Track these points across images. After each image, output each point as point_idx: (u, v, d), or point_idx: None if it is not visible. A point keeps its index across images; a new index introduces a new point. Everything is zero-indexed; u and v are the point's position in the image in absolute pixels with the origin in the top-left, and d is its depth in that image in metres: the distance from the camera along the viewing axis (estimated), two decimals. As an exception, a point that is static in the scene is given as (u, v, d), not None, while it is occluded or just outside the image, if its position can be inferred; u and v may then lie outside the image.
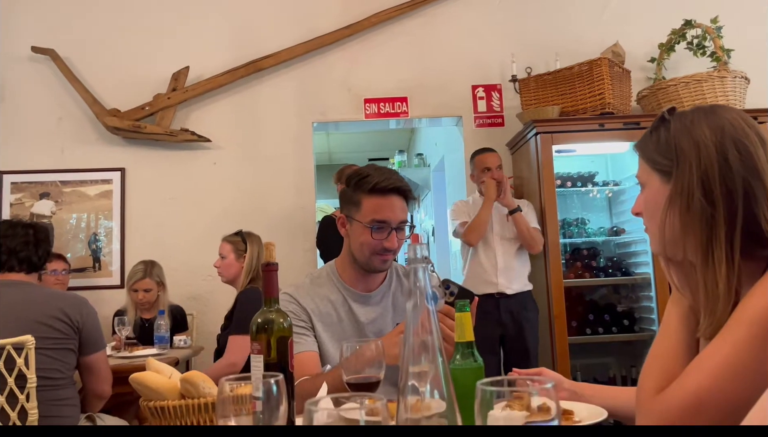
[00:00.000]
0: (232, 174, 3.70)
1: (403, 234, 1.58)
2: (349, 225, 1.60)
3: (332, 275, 1.64)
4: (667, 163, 0.97)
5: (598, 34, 3.81)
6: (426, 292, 0.91)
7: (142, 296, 2.99)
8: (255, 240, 2.79)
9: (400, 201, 1.57)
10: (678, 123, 0.99)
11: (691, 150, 0.94)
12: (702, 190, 0.92)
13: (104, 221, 3.60)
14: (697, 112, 0.99)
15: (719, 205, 0.91)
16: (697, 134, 0.95)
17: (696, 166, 0.93)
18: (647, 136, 1.05)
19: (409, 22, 3.85)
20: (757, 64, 3.54)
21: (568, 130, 3.26)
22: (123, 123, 3.53)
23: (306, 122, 3.78)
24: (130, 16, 3.77)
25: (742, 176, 0.91)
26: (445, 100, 3.83)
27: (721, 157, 0.92)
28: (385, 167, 1.64)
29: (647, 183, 1.02)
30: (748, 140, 0.93)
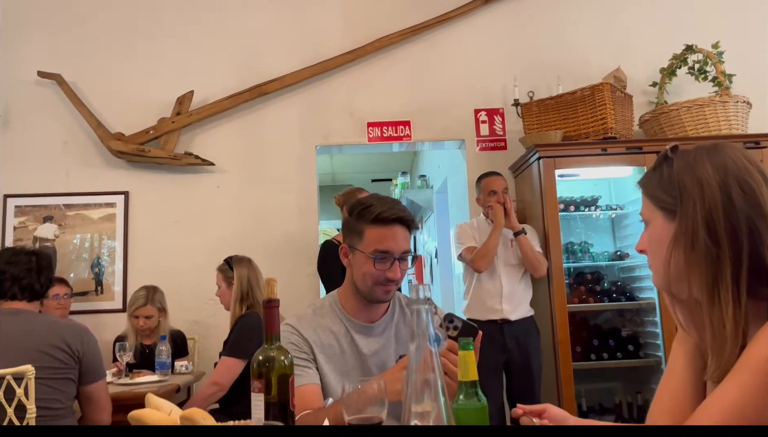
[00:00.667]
0: (236, 197, 3.71)
1: (406, 264, 1.57)
2: (351, 255, 1.59)
3: (335, 305, 1.63)
4: (670, 200, 0.97)
5: (600, 58, 3.83)
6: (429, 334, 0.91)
7: (143, 322, 2.98)
8: (242, 264, 2.77)
9: (403, 231, 1.56)
10: (681, 161, 0.99)
11: (695, 188, 0.94)
12: (706, 229, 0.91)
13: (107, 244, 3.60)
14: (700, 150, 0.99)
15: (724, 244, 0.90)
16: (700, 172, 0.95)
17: (700, 205, 0.93)
18: (650, 174, 1.04)
19: (412, 47, 3.88)
20: (759, 88, 3.55)
21: (571, 154, 3.26)
22: (127, 147, 3.54)
23: (309, 146, 3.79)
24: (135, 41, 3.81)
25: (746, 215, 0.91)
26: (447, 123, 3.84)
27: (725, 196, 0.92)
28: (388, 197, 1.64)
29: (651, 220, 1.02)
30: (751, 178, 0.93)
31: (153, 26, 3.84)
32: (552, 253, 3.15)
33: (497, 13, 3.94)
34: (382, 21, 3.85)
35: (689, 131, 3.30)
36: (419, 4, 3.90)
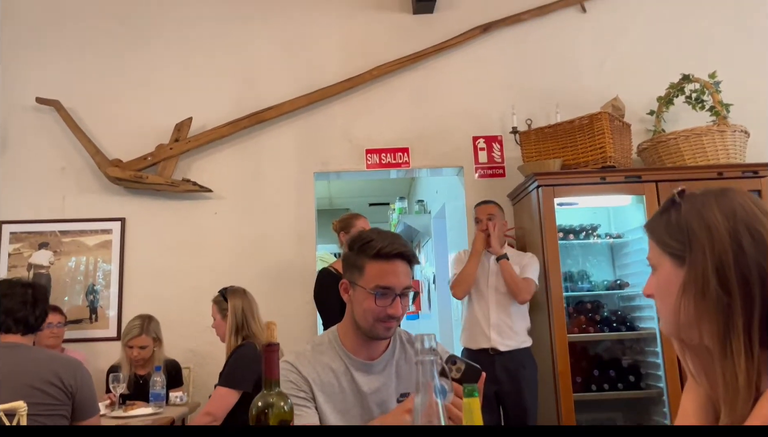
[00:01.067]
0: (233, 224, 3.69)
1: (407, 300, 1.55)
2: (351, 290, 1.57)
3: (334, 342, 1.61)
4: (678, 246, 0.95)
5: (598, 86, 3.86)
6: (435, 386, 0.88)
7: (137, 353, 2.93)
8: (236, 295, 2.74)
9: (404, 266, 1.54)
10: (688, 205, 0.97)
11: (704, 234, 0.92)
12: (717, 277, 0.89)
13: (102, 271, 3.57)
14: (708, 194, 0.97)
15: (735, 293, 0.88)
16: (709, 218, 0.93)
17: (710, 252, 0.91)
18: (657, 217, 1.02)
19: (410, 75, 3.90)
20: (756, 118, 3.57)
21: (570, 183, 3.26)
22: (125, 173, 3.53)
23: (307, 172, 3.79)
24: (134, 68, 3.82)
25: (758, 263, 0.89)
26: (446, 150, 3.85)
27: (735, 244, 0.90)
28: (389, 231, 1.62)
29: (659, 266, 0.99)
30: (761, 226, 0.91)
31: (152, 53, 3.85)
32: (551, 282, 3.13)
33: (495, 41, 3.97)
34: (381, 49, 3.88)
35: (687, 160, 3.30)
36: (417, 32, 3.93)
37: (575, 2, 4.04)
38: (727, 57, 3.87)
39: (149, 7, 3.91)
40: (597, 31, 4.02)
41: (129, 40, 3.86)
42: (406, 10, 3.99)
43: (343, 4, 3.99)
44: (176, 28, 3.89)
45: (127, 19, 3.89)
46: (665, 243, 0.98)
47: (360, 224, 3.16)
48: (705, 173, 3.22)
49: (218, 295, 2.79)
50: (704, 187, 2.92)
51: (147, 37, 3.87)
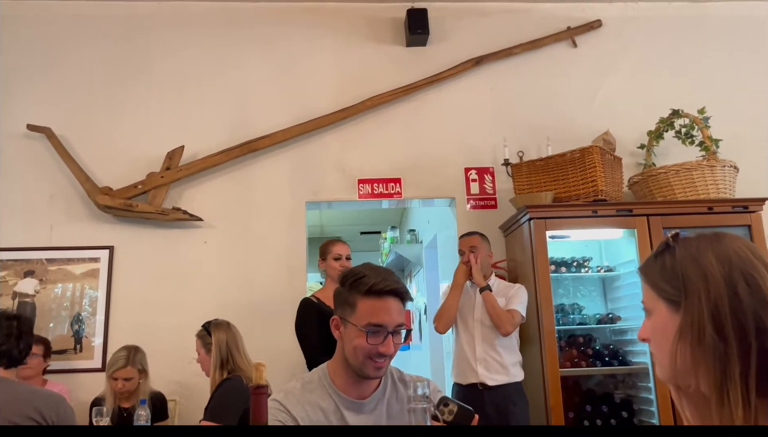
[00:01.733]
0: (223, 253, 3.65)
1: (400, 338, 1.53)
2: (343, 327, 1.55)
3: (324, 380, 1.57)
4: (674, 291, 0.94)
5: (589, 119, 3.89)
6: (428, 435, 0.86)
7: (122, 385, 2.86)
8: (220, 328, 2.70)
9: (397, 303, 1.52)
10: (683, 250, 0.96)
11: (699, 280, 0.91)
12: (713, 323, 0.88)
13: (88, 300, 3.51)
14: (703, 239, 0.97)
15: (731, 340, 0.87)
16: (704, 264, 0.92)
17: (705, 298, 0.90)
18: (651, 261, 1.01)
19: (403, 106, 3.92)
20: (745, 153, 3.61)
21: (562, 216, 3.26)
22: (114, 201, 3.50)
23: (299, 202, 3.77)
24: (126, 96, 3.82)
25: (754, 311, 0.87)
26: (438, 181, 3.85)
27: (731, 290, 0.89)
28: (382, 267, 1.60)
29: (654, 310, 0.98)
30: (756, 273, 0.90)
31: (144, 81, 3.86)
32: (544, 315, 3.11)
33: (487, 74, 4.01)
34: (374, 80, 3.90)
35: (678, 194, 3.32)
36: (411, 64, 3.96)
37: (566, 37, 4.10)
38: (715, 92, 3.93)
39: (142, 35, 3.93)
40: (588, 65, 4.08)
41: (121, 67, 3.86)
42: (400, 42, 4.03)
43: (337, 35, 4.02)
44: (169, 57, 3.91)
45: (120, 47, 3.90)
46: (660, 288, 0.97)
47: (336, 250, 3.14)
48: (696, 208, 3.24)
49: (202, 329, 2.75)
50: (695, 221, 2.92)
51: (139, 65, 3.88)
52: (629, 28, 4.16)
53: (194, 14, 3.98)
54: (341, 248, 3.16)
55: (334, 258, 3.11)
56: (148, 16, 3.95)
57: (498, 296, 3.09)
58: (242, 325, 2.88)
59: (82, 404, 3.10)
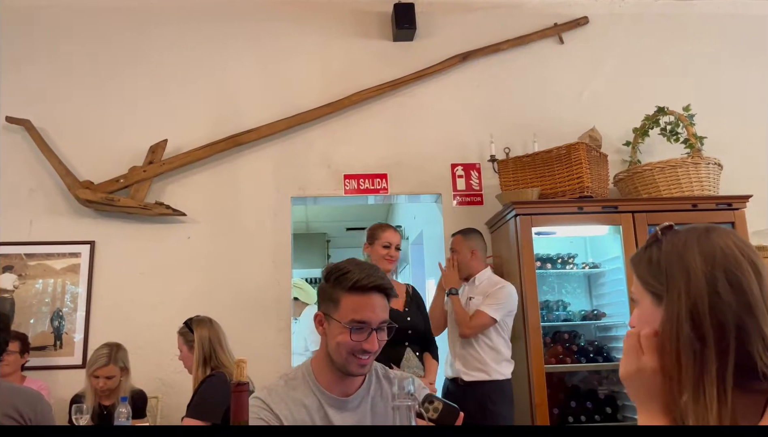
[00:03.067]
0: (207, 249, 3.60)
1: (384, 334, 1.51)
2: (326, 323, 1.52)
3: (308, 377, 1.55)
4: (657, 285, 0.95)
5: (575, 116, 3.90)
6: (412, 434, 0.84)
7: (103, 383, 2.81)
8: (202, 325, 2.66)
9: (381, 299, 1.50)
10: (669, 245, 0.96)
11: (681, 277, 0.91)
12: (691, 322, 0.88)
13: (69, 296, 3.45)
14: (692, 234, 0.96)
15: (709, 339, 0.87)
16: (688, 260, 0.92)
17: (685, 296, 0.89)
18: (641, 253, 1.01)
19: (389, 101, 3.90)
20: (729, 151, 3.62)
21: (548, 212, 3.26)
22: (95, 195, 3.44)
23: (285, 197, 3.74)
24: (108, 88, 3.76)
25: (734, 311, 0.87)
26: (424, 177, 3.83)
27: (711, 289, 0.88)
28: (366, 262, 1.58)
29: (640, 301, 0.99)
30: (740, 271, 0.89)
31: (127, 74, 3.79)
32: (529, 312, 3.10)
33: (474, 70, 4.00)
34: (361, 75, 3.87)
35: (663, 191, 3.33)
36: (397, 59, 3.94)
37: (553, 34, 4.10)
38: (701, 90, 3.95)
39: (125, 28, 3.86)
40: (574, 62, 4.08)
41: (103, 60, 3.80)
42: (387, 37, 4.01)
43: (324, 29, 3.99)
44: (153, 50, 3.85)
45: (102, 40, 3.83)
46: (646, 281, 0.97)
47: (386, 237, 2.93)
48: (680, 205, 3.25)
49: (183, 326, 2.71)
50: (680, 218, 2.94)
51: (122, 58, 3.82)
52: (615, 25, 4.17)
53: (179, 7, 3.92)
54: (392, 236, 2.96)
55: (383, 246, 2.91)
56: (132, 9, 3.88)
57: (478, 294, 3.08)
58: (226, 322, 2.84)
59: (61, 401, 3.06)
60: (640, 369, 0.92)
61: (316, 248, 7.57)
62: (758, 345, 0.85)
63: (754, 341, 0.86)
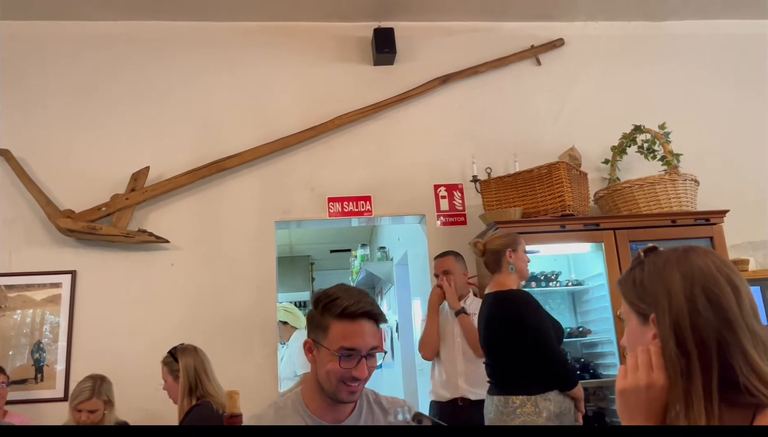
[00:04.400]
0: (191, 275, 3.58)
1: (374, 361, 1.51)
2: (315, 350, 1.52)
3: (298, 404, 1.54)
4: (643, 306, 0.99)
5: (555, 136, 3.96)
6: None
7: (86, 417, 2.75)
8: (187, 353, 2.63)
9: (371, 326, 1.50)
10: (651, 266, 1.00)
11: (663, 297, 0.95)
12: (675, 339, 0.92)
13: (50, 328, 3.39)
14: (672, 254, 1.00)
15: (693, 355, 0.90)
16: (668, 280, 0.95)
17: (668, 315, 0.93)
18: (626, 275, 1.06)
19: (371, 124, 3.93)
20: (706, 166, 3.71)
21: (531, 231, 3.28)
22: (77, 224, 3.40)
23: (268, 221, 3.73)
24: (88, 116, 3.74)
25: (714, 327, 0.90)
26: (408, 198, 3.86)
27: (691, 306, 0.92)
28: (356, 288, 1.58)
29: (628, 321, 1.04)
30: (718, 288, 0.93)
31: (108, 101, 3.78)
32: (515, 331, 3.11)
33: (454, 92, 4.06)
34: (342, 99, 3.90)
35: (642, 208, 3.39)
36: (378, 83, 3.98)
37: (530, 55, 4.18)
38: (675, 108, 4.04)
39: (105, 55, 3.86)
40: (552, 83, 4.16)
41: (83, 88, 3.79)
42: (367, 61, 4.05)
43: (305, 54, 4.02)
44: (134, 76, 3.84)
45: (82, 67, 3.82)
46: (631, 302, 1.02)
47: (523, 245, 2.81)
48: (660, 221, 3.31)
49: (168, 356, 2.67)
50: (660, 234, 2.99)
51: (102, 86, 3.81)
52: (591, 46, 4.26)
53: (159, 34, 3.93)
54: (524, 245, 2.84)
55: (525, 251, 2.79)
56: (112, 35, 3.89)
57: (473, 315, 3.09)
58: (212, 349, 2.82)
59: (43, 436, 2.99)
60: (650, 384, 0.94)
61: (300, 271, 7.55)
62: (739, 359, 0.88)
63: (735, 356, 0.88)
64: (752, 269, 3.60)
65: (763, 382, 0.87)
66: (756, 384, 0.87)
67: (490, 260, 2.76)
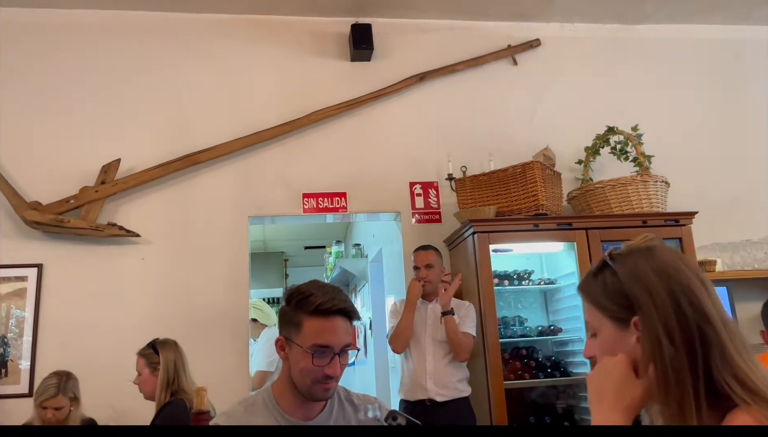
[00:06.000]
0: (162, 270, 3.52)
1: (347, 358, 1.50)
2: (288, 348, 1.51)
3: (269, 402, 1.53)
4: (620, 310, 0.96)
5: (530, 135, 3.99)
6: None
7: (51, 415, 2.69)
8: (169, 348, 2.59)
9: (344, 323, 1.49)
10: (622, 268, 0.98)
11: (646, 297, 0.93)
12: (668, 337, 0.90)
13: (15, 322, 3.31)
14: (637, 254, 0.99)
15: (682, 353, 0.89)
16: (646, 280, 0.95)
17: (656, 315, 0.92)
18: (591, 281, 1.03)
19: (347, 120, 3.91)
20: (675, 169, 3.77)
21: (505, 229, 3.31)
22: (44, 217, 3.32)
23: (242, 216, 3.69)
24: (57, 105, 3.65)
25: (696, 322, 0.91)
26: (383, 196, 3.85)
27: (675, 305, 0.92)
28: (329, 284, 1.57)
29: (600, 329, 1.00)
30: (692, 284, 0.94)
31: (78, 91, 3.70)
32: (488, 329, 3.13)
33: (431, 90, 4.06)
34: (318, 94, 3.88)
35: (614, 208, 3.44)
36: (355, 79, 3.96)
37: (507, 55, 4.20)
38: (647, 110, 4.11)
39: (77, 44, 3.77)
40: (528, 83, 4.19)
41: (53, 77, 3.70)
42: (344, 57, 4.03)
43: (281, 48, 3.98)
44: (106, 66, 3.76)
45: (52, 56, 3.73)
46: (605, 308, 0.98)
47: None
48: (631, 221, 3.36)
49: (147, 348, 2.62)
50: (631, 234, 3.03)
51: (73, 75, 3.72)
52: (566, 47, 4.31)
53: (133, 24, 3.86)
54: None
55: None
56: (84, 24, 3.80)
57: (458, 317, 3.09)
58: (182, 344, 2.77)
59: (6, 433, 2.91)
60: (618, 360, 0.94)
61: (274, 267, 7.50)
62: (716, 355, 0.89)
63: (713, 351, 0.89)
64: (719, 270, 3.68)
65: (738, 380, 0.87)
66: (730, 382, 0.87)
67: None
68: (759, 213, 3.99)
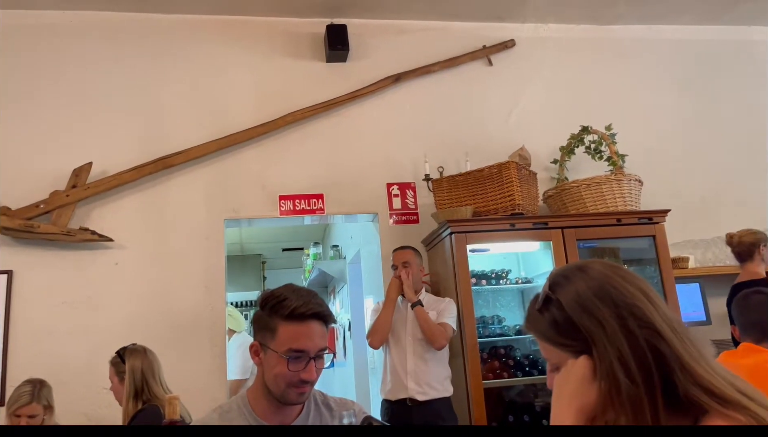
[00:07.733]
0: (136, 274, 3.46)
1: (322, 362, 1.49)
2: (263, 353, 1.49)
3: (243, 408, 1.51)
4: (576, 344, 0.94)
5: (505, 135, 4.01)
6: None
7: (25, 422, 2.63)
8: (135, 355, 2.53)
9: (319, 327, 1.48)
10: (565, 298, 0.95)
11: (597, 330, 0.91)
12: (622, 369, 0.88)
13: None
14: (572, 277, 0.97)
15: (638, 380, 0.88)
16: (593, 309, 0.92)
17: (609, 346, 0.90)
18: (536, 317, 1.00)
19: (324, 122, 3.90)
20: (648, 167, 3.82)
21: (481, 229, 3.32)
22: (13, 222, 3.25)
23: (218, 219, 3.65)
24: (26, 107, 3.58)
25: (646, 340, 0.89)
26: (360, 197, 3.84)
27: (624, 328, 0.90)
28: (304, 288, 1.55)
29: (560, 363, 0.96)
30: (635, 299, 0.92)
31: (48, 93, 3.62)
32: (466, 328, 3.14)
33: (407, 91, 4.06)
34: (294, 95, 3.85)
35: (589, 207, 3.47)
36: (331, 80, 3.95)
37: (482, 56, 4.22)
38: (620, 110, 4.15)
39: (47, 44, 3.70)
40: (503, 83, 4.21)
41: (21, 78, 3.62)
42: (320, 58, 4.01)
43: (256, 49, 3.95)
44: (76, 67, 3.70)
45: (21, 57, 3.65)
46: (562, 344, 0.96)
47: None
48: (605, 220, 3.39)
49: (115, 356, 2.57)
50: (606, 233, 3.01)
51: (43, 76, 3.65)
52: (541, 48, 4.34)
53: (104, 24, 3.79)
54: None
55: None
56: (54, 24, 3.73)
57: (429, 310, 3.10)
58: (158, 350, 2.71)
59: (-24, 444, 2.84)
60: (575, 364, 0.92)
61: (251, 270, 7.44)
62: (677, 368, 0.87)
63: (672, 366, 0.87)
64: (692, 266, 3.74)
65: (702, 388, 0.87)
66: (695, 391, 0.86)
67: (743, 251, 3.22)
68: (730, 210, 4.06)
